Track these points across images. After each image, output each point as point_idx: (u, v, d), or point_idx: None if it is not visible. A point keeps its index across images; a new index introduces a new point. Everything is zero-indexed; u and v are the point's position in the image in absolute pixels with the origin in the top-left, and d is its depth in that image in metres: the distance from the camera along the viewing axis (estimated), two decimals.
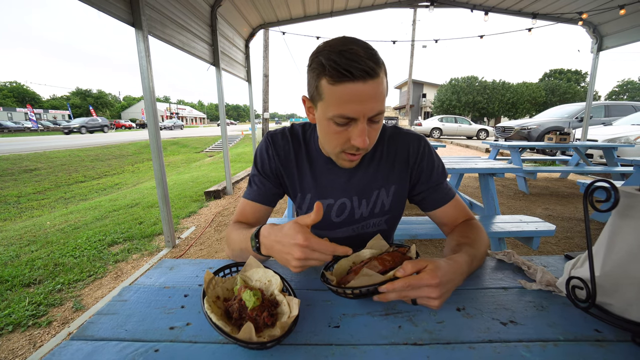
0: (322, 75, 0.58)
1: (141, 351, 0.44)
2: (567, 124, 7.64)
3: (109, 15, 2.08)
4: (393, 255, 0.57)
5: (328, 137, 0.66)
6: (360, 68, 0.55)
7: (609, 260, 0.48)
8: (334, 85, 0.57)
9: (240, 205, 0.83)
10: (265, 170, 0.81)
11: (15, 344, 1.49)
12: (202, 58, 3.65)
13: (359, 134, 0.60)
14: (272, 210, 0.84)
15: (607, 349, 0.44)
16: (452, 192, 0.80)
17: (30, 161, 8.36)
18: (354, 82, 0.55)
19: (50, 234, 3.04)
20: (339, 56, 0.55)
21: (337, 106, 0.58)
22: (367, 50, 0.57)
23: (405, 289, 0.49)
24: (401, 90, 36.42)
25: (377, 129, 0.65)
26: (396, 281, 0.49)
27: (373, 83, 0.56)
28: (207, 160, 10.48)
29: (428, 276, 0.49)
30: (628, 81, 49.16)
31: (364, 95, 0.56)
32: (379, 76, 0.57)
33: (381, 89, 0.58)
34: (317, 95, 0.62)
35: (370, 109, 0.58)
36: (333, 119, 0.61)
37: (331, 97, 0.58)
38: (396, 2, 5.36)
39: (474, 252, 0.63)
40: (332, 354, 0.44)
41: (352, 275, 0.55)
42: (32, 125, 34.50)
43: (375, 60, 0.56)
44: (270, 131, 0.83)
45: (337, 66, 0.55)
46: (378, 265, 0.54)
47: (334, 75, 0.56)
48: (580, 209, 3.51)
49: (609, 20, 4.72)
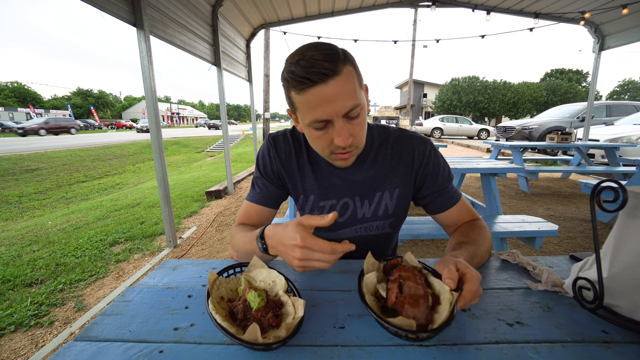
0: (289, 88, 0.61)
1: (146, 352, 0.44)
2: (568, 124, 7.63)
3: (111, 15, 2.08)
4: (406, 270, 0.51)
5: (314, 142, 0.67)
6: (317, 72, 0.56)
7: (617, 262, 0.48)
8: (300, 95, 0.59)
9: (243, 207, 0.83)
10: (267, 172, 0.81)
11: (17, 343, 1.49)
12: (204, 58, 3.65)
13: (338, 134, 0.61)
14: (275, 212, 0.84)
15: (615, 350, 0.43)
16: (457, 195, 0.79)
17: (31, 161, 8.38)
18: (314, 86, 0.57)
19: (52, 233, 3.05)
20: (296, 66, 0.58)
21: (309, 112, 0.60)
22: (324, 52, 0.57)
23: (473, 298, 0.48)
24: (402, 90, 36.40)
25: (360, 124, 0.64)
26: (464, 295, 0.46)
27: (334, 82, 0.57)
28: (208, 160, 10.50)
29: (475, 275, 0.48)
30: (629, 81, 49.05)
31: (329, 95, 0.57)
32: (339, 73, 0.57)
33: (347, 86, 0.58)
34: (292, 107, 0.65)
35: (340, 106, 0.59)
36: (311, 125, 0.62)
37: (302, 105, 0.61)
38: (398, 1, 5.35)
39: (474, 250, 0.63)
40: (337, 355, 0.43)
41: (408, 307, 0.45)
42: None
43: (332, 59, 0.57)
44: (271, 133, 0.83)
45: (295, 76, 0.57)
46: (417, 286, 0.48)
47: (296, 85, 0.58)
48: (582, 209, 3.50)
49: (611, 19, 4.71)
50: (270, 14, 4.99)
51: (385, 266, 0.57)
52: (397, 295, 0.48)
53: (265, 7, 4.64)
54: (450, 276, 0.47)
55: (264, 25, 5.30)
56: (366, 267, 0.56)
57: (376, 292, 0.52)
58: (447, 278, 0.47)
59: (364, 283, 0.52)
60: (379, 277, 0.55)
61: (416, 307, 0.45)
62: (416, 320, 0.43)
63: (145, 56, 2.30)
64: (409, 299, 0.46)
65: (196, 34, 3.38)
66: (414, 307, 0.45)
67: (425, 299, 0.46)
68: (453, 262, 0.51)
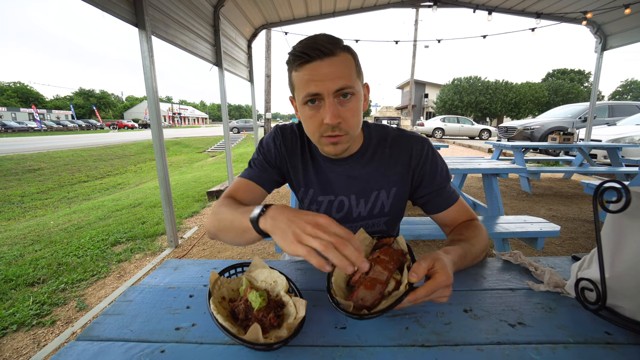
0: (290, 68, 0.65)
1: (147, 352, 0.44)
2: (570, 124, 7.59)
3: (113, 16, 2.08)
4: (388, 253, 0.53)
5: (306, 124, 0.69)
6: (315, 48, 0.60)
7: (619, 262, 0.48)
8: (298, 71, 0.63)
9: (235, 183, 0.80)
10: (269, 157, 0.81)
11: (19, 343, 1.50)
12: (205, 58, 3.65)
13: (328, 110, 0.62)
14: (266, 195, 0.83)
15: (618, 351, 0.43)
16: (455, 195, 0.79)
17: (33, 161, 8.42)
18: (311, 62, 0.61)
19: (54, 233, 3.06)
20: (299, 44, 0.63)
21: (303, 87, 0.63)
22: (327, 36, 0.63)
23: (429, 296, 0.48)
24: (403, 91, 36.36)
25: (352, 110, 0.65)
26: (418, 291, 0.47)
27: (331, 60, 0.61)
28: (209, 160, 10.51)
29: (444, 277, 0.48)
30: (632, 81, 48.82)
31: (323, 71, 0.61)
32: (336, 55, 0.61)
33: (343, 66, 0.62)
34: (292, 88, 0.68)
35: (332, 84, 0.61)
36: (304, 102, 0.65)
37: (298, 81, 0.64)
38: (399, 2, 5.35)
39: (467, 248, 0.64)
40: (339, 355, 0.43)
41: (362, 289, 0.48)
42: (37, 125, 34.75)
43: (332, 42, 0.62)
44: (279, 124, 0.84)
45: (295, 52, 0.62)
46: (383, 271, 0.50)
47: (295, 60, 0.62)
48: (584, 209, 3.49)
49: (613, 19, 4.69)
50: (272, 14, 4.99)
51: (377, 244, 0.59)
52: (361, 275, 0.51)
53: (266, 8, 4.65)
54: (416, 271, 0.48)
55: (266, 25, 5.31)
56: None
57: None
58: (413, 271, 0.48)
59: None
60: (365, 253, 0.57)
61: (370, 290, 0.48)
62: (363, 302, 0.47)
63: (147, 56, 2.30)
64: (367, 282, 0.49)
65: (198, 34, 3.39)
66: (368, 290, 0.48)
67: (383, 284, 0.49)
68: (432, 259, 0.51)
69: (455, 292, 0.58)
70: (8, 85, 60.26)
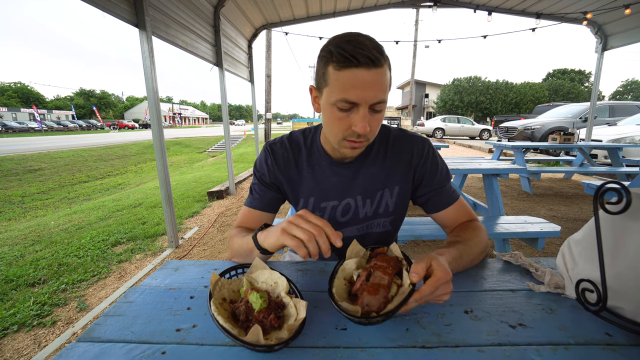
0: (329, 62, 0.61)
1: (148, 353, 0.44)
2: (571, 124, 7.59)
3: (113, 16, 2.09)
4: (385, 260, 0.54)
5: (331, 123, 0.67)
6: (365, 55, 0.57)
7: (620, 263, 0.48)
8: (339, 71, 0.60)
9: (242, 212, 0.84)
10: (264, 180, 0.82)
11: (20, 343, 1.50)
12: (205, 58, 3.66)
13: (360, 120, 0.61)
14: (274, 216, 0.85)
15: (619, 353, 0.43)
16: (455, 195, 0.80)
17: (34, 161, 8.42)
18: (358, 67, 0.58)
19: (55, 233, 3.06)
20: (346, 44, 0.59)
21: (341, 91, 0.60)
22: (372, 42, 0.60)
23: (432, 294, 0.48)
24: (404, 91, 36.36)
25: (379, 120, 0.65)
26: (422, 289, 0.47)
27: (376, 71, 0.59)
28: (210, 160, 10.51)
29: (443, 273, 0.48)
30: (632, 81, 48.77)
31: (367, 81, 0.59)
32: (382, 66, 0.59)
33: (384, 79, 0.61)
34: (323, 81, 0.64)
35: (372, 96, 0.60)
36: (336, 104, 0.62)
37: (336, 82, 0.61)
38: (399, 2, 5.35)
39: (463, 249, 0.64)
40: (339, 356, 0.43)
41: (366, 295, 0.48)
42: (37, 125, 34.77)
43: (380, 51, 0.59)
44: (269, 141, 0.84)
45: (343, 52, 0.58)
46: (384, 276, 0.51)
47: (340, 60, 0.59)
48: (585, 209, 3.49)
49: (613, 19, 4.68)
50: (272, 15, 4.99)
51: (371, 254, 0.60)
52: (362, 282, 0.51)
53: (267, 8, 4.65)
54: (416, 270, 0.48)
55: (266, 25, 5.31)
56: (349, 253, 0.60)
57: (351, 277, 0.56)
58: (413, 272, 0.48)
59: (342, 267, 0.57)
60: (361, 264, 0.59)
61: (373, 295, 0.47)
62: (369, 308, 0.47)
63: (147, 57, 2.31)
64: (370, 287, 0.49)
65: (198, 35, 3.39)
66: (371, 295, 0.48)
67: (386, 289, 0.48)
68: (429, 259, 0.51)
69: (456, 293, 0.58)
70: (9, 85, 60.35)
